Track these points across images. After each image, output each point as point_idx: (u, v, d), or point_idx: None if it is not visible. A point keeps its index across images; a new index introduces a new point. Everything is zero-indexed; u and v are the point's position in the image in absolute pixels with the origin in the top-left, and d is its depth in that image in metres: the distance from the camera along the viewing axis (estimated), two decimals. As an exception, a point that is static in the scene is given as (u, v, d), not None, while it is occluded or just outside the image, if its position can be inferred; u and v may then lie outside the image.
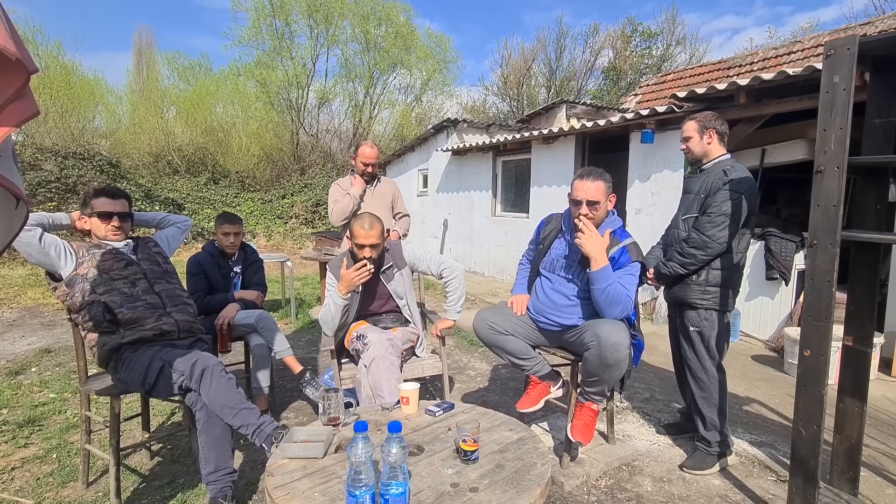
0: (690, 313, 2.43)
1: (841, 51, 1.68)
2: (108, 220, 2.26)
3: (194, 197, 12.80)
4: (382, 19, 17.08)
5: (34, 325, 5.18)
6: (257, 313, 2.93)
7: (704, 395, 2.42)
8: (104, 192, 2.31)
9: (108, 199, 2.27)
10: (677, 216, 2.57)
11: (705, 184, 2.40)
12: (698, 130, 2.45)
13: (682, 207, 2.53)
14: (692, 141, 2.47)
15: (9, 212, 1.36)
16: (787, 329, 3.96)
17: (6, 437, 2.73)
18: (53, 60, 12.89)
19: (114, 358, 2.11)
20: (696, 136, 2.46)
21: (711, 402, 2.40)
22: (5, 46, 1.01)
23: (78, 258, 2.15)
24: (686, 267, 2.38)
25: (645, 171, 5.53)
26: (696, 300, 2.40)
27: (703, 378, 2.42)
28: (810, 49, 6.91)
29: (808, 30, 16.46)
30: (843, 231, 1.73)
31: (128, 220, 2.35)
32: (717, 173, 2.37)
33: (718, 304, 2.37)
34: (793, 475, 1.89)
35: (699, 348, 2.42)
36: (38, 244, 2.03)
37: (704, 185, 2.40)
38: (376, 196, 3.74)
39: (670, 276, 2.45)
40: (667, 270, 2.45)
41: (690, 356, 2.46)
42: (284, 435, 1.72)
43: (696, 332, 2.42)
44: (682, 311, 2.48)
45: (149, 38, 18.64)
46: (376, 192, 3.76)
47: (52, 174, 9.35)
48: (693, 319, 2.43)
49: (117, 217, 2.28)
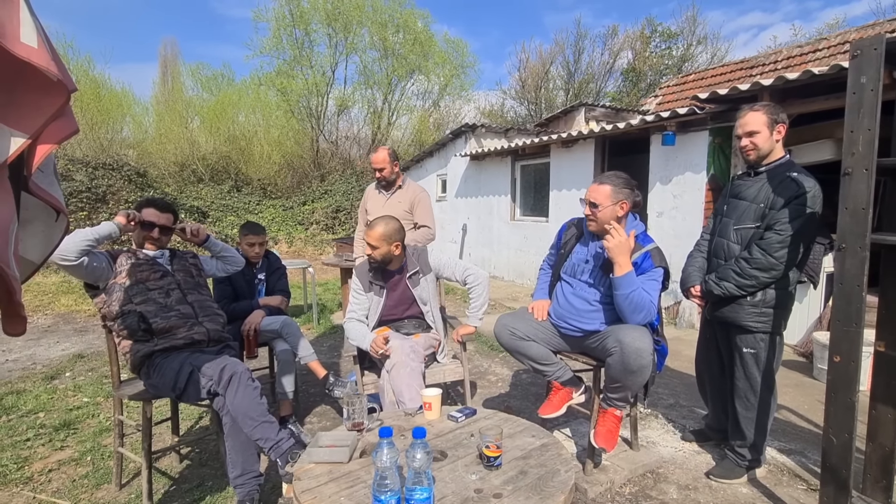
0: (745, 336, 2.23)
1: (868, 51, 1.65)
2: (149, 230, 2.34)
3: (218, 205, 13.08)
4: (400, 26, 17.25)
5: (68, 331, 5.36)
6: (282, 319, 2.98)
7: (749, 415, 2.27)
8: (155, 203, 2.40)
9: (157, 210, 2.37)
10: (725, 224, 2.29)
11: (765, 191, 2.13)
12: (768, 124, 2.11)
13: (733, 215, 2.26)
14: (760, 136, 2.13)
15: (49, 224, 1.42)
16: (816, 333, 3.86)
17: (43, 440, 2.83)
18: (84, 74, 13.34)
19: (146, 364, 2.18)
20: (766, 131, 2.12)
21: (754, 422, 2.27)
22: (48, 68, 1.07)
23: (116, 267, 2.23)
24: (744, 289, 2.15)
25: (666, 174, 5.47)
26: (751, 323, 2.19)
27: (752, 399, 2.26)
28: (836, 46, 6.75)
29: (835, 26, 16.07)
30: (872, 234, 1.69)
31: (168, 234, 2.41)
32: (781, 180, 2.09)
33: (773, 326, 2.18)
34: (824, 484, 1.85)
35: (752, 371, 2.24)
36: (84, 270, 2.10)
37: (765, 194, 2.13)
38: (389, 206, 3.54)
39: (722, 297, 2.24)
40: (720, 291, 2.21)
41: (740, 377, 2.28)
42: (301, 454, 1.75)
43: (750, 354, 2.23)
44: (733, 332, 2.28)
45: (173, 50, 19.15)
46: (390, 202, 3.60)
47: (82, 184, 9.65)
48: (748, 342, 2.23)
49: (159, 229, 2.36)
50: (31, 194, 1.22)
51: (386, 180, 3.61)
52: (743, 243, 2.22)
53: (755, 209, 2.17)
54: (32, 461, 2.61)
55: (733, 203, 2.29)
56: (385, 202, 3.64)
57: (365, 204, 3.78)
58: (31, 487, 2.37)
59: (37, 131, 1.12)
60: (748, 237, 2.19)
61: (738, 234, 2.23)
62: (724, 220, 2.33)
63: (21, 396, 3.46)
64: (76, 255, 2.00)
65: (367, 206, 3.74)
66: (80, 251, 2.01)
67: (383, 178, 3.60)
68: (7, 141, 1.09)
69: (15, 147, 1.09)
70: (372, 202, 3.72)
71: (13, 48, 1.01)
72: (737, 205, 2.26)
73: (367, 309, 2.66)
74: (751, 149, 2.18)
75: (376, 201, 3.70)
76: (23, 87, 1.10)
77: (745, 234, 2.20)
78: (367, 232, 2.53)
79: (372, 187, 3.79)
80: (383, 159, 3.56)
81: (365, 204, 3.78)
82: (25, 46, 1.03)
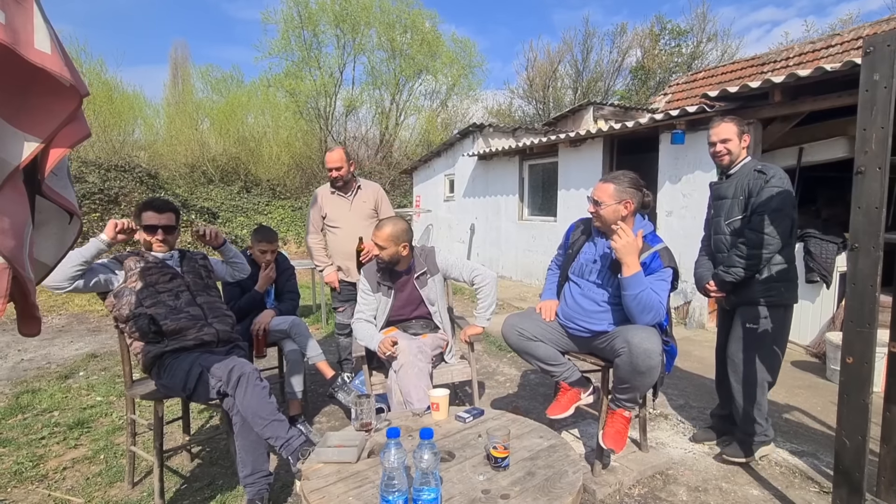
0: (749, 310, 2.41)
1: (881, 47, 1.62)
2: (153, 233, 2.35)
3: (228, 205, 13.21)
4: (408, 27, 17.30)
5: (81, 331, 5.43)
6: (291, 319, 3.00)
7: (739, 387, 2.44)
8: (151, 205, 2.38)
9: (154, 212, 2.35)
10: (717, 223, 2.54)
11: (740, 186, 2.41)
12: (738, 133, 2.43)
13: (721, 213, 2.51)
14: (732, 143, 2.43)
15: (62, 227, 1.44)
16: (829, 334, 3.81)
17: (58, 438, 2.87)
18: (96, 77, 13.53)
19: (156, 364, 2.20)
20: (736, 140, 2.43)
21: (743, 394, 2.44)
22: (62, 74, 1.09)
23: (126, 271, 2.26)
24: (750, 269, 2.35)
25: (676, 173, 5.43)
26: (762, 297, 2.38)
27: (743, 371, 2.43)
28: (850, 42, 6.66)
29: (848, 22, 15.84)
30: (886, 233, 1.66)
31: (173, 233, 2.41)
32: (749, 174, 2.39)
33: (783, 298, 2.38)
34: (836, 486, 1.82)
35: (750, 343, 2.40)
36: (83, 290, 2.12)
37: (740, 188, 2.40)
38: (356, 208, 3.39)
39: (735, 282, 2.40)
40: (731, 277, 2.39)
41: (736, 350, 2.45)
42: (311, 451, 1.76)
43: (750, 328, 2.40)
44: (746, 310, 2.43)
45: (184, 52, 19.38)
46: (355, 204, 3.40)
47: (95, 186, 9.78)
48: (750, 316, 2.40)
49: (162, 230, 2.36)
50: (45, 197, 1.24)
51: (343, 180, 3.34)
52: (735, 234, 2.45)
53: (737, 202, 2.43)
54: (47, 459, 2.65)
55: (718, 203, 2.55)
56: (350, 205, 3.40)
57: (321, 209, 3.43)
58: (45, 485, 2.41)
59: (50, 135, 1.14)
60: (739, 227, 2.43)
61: (731, 227, 2.47)
62: (714, 220, 2.58)
63: (36, 395, 3.52)
64: (69, 283, 2.04)
65: (326, 212, 3.42)
66: (70, 277, 2.03)
67: (340, 177, 3.32)
68: (21, 145, 1.11)
69: (29, 151, 1.11)
70: (332, 206, 3.41)
71: (28, 54, 1.03)
72: (722, 204, 2.52)
73: (375, 309, 2.67)
74: (724, 154, 2.47)
75: (338, 205, 3.41)
76: (36, 92, 1.12)
77: (736, 225, 2.45)
78: (376, 233, 2.54)
79: (325, 190, 3.45)
80: (340, 158, 3.31)
81: (321, 209, 3.43)
82: (39, 52, 1.05)
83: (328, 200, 3.44)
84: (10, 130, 1.09)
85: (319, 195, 3.46)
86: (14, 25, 1.02)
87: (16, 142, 1.10)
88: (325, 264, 3.46)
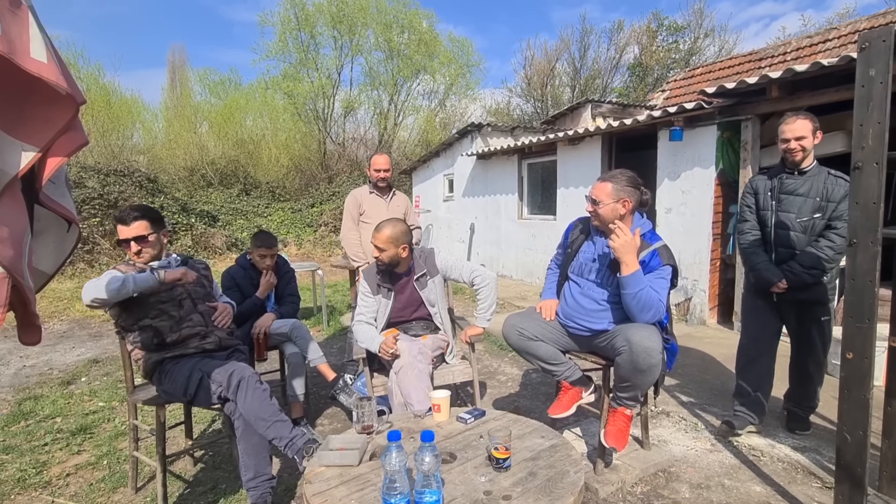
0: (821, 307, 2.60)
1: (876, 43, 1.62)
2: (126, 247, 2.26)
3: (227, 208, 13.21)
4: (405, 27, 17.28)
5: (83, 337, 5.44)
6: (291, 322, 3.00)
7: (820, 374, 2.69)
8: (119, 219, 2.26)
9: (122, 225, 2.24)
10: (786, 217, 2.57)
11: (816, 187, 2.49)
12: (812, 130, 2.47)
13: (792, 209, 2.55)
14: (807, 140, 2.47)
15: (61, 235, 1.45)
16: (830, 328, 3.81)
17: (61, 444, 2.88)
18: (94, 82, 13.55)
19: (157, 370, 2.21)
20: (811, 137, 2.47)
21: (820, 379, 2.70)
22: (58, 83, 1.09)
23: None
24: (829, 271, 2.52)
25: (674, 170, 5.42)
26: (824, 297, 2.58)
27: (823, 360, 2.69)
28: (847, 36, 6.65)
29: (845, 16, 15.81)
30: (884, 228, 1.66)
31: (146, 242, 2.26)
32: (826, 177, 2.48)
33: (833, 297, 2.68)
34: (838, 482, 1.82)
35: (826, 335, 2.63)
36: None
37: (816, 188, 2.49)
38: (392, 208, 3.74)
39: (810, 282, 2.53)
40: (812, 278, 2.50)
41: (817, 343, 2.63)
42: (315, 449, 1.77)
43: (826, 321, 2.61)
44: (807, 308, 2.61)
45: (181, 55, 19.37)
46: (391, 206, 3.77)
47: (94, 191, 9.78)
48: (825, 311, 2.60)
49: (134, 242, 2.24)
50: (43, 206, 1.24)
51: (387, 182, 3.75)
52: (807, 232, 2.53)
53: (812, 203, 2.50)
54: (50, 465, 2.65)
55: (788, 199, 2.57)
56: (388, 205, 3.74)
57: (360, 207, 3.74)
58: (49, 491, 2.42)
59: (47, 144, 1.14)
60: (811, 226, 2.52)
61: (802, 225, 2.54)
62: (781, 214, 2.60)
63: (39, 401, 3.53)
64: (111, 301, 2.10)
65: (364, 208, 3.73)
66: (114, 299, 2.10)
67: (385, 179, 3.73)
68: (18, 154, 1.11)
69: (26, 160, 1.12)
70: (370, 204, 3.73)
71: (24, 64, 1.03)
72: (793, 200, 2.56)
73: (376, 311, 2.67)
74: (799, 151, 2.49)
75: (376, 204, 3.73)
76: (33, 102, 1.12)
77: (808, 224, 2.52)
78: (375, 234, 2.54)
79: (364, 191, 3.79)
80: (387, 161, 3.74)
81: (360, 207, 3.74)
82: (35, 62, 1.05)
83: (367, 199, 3.76)
84: (7, 140, 1.09)
85: (357, 194, 3.79)
86: (10, 35, 1.02)
87: (13, 151, 1.10)
88: (361, 261, 3.67)
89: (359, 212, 3.76)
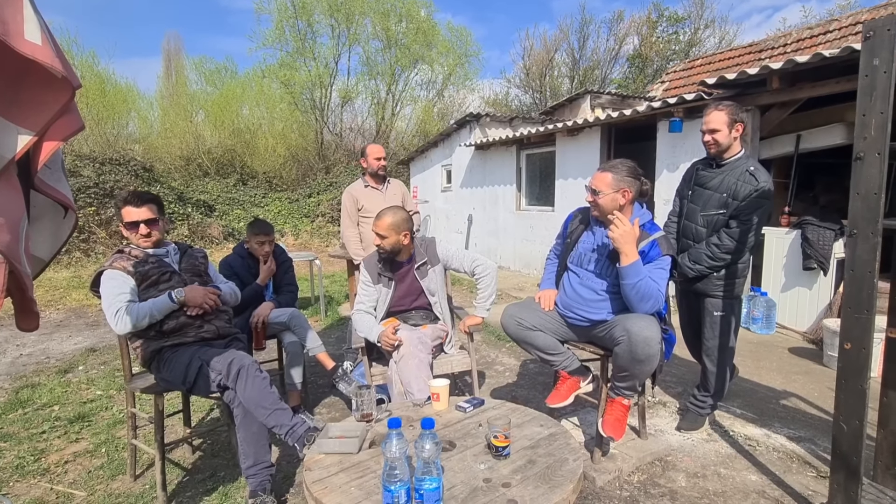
0: (715, 301, 2.57)
1: (881, 32, 1.61)
2: (135, 230, 2.25)
3: (224, 198, 13.14)
4: (403, 16, 17.11)
5: (79, 326, 5.43)
6: (290, 311, 3.00)
7: (715, 369, 2.62)
8: (128, 200, 2.26)
9: (133, 207, 2.24)
10: (692, 210, 2.60)
11: (727, 183, 2.44)
12: (728, 123, 2.42)
13: (698, 202, 2.56)
14: (721, 134, 2.43)
15: (57, 221, 1.43)
16: (826, 320, 3.83)
17: (59, 432, 2.88)
18: (88, 70, 13.37)
19: (155, 358, 2.20)
20: (726, 130, 2.42)
21: (717, 375, 2.62)
22: (53, 65, 1.07)
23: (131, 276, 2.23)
24: (713, 269, 2.52)
25: (673, 161, 5.41)
26: (717, 291, 2.55)
27: (718, 355, 2.61)
28: (848, 27, 6.62)
29: (846, 7, 15.74)
30: (884, 219, 1.66)
31: (156, 225, 2.29)
32: (741, 174, 2.41)
33: (734, 292, 2.56)
34: (834, 471, 1.84)
35: (720, 330, 2.58)
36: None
37: (727, 185, 2.44)
38: (389, 198, 3.74)
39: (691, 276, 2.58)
40: (693, 273, 2.55)
41: (710, 336, 2.61)
42: (316, 437, 1.77)
43: (720, 316, 2.57)
44: (703, 300, 2.62)
45: (177, 43, 19.11)
46: (388, 194, 3.78)
47: (90, 180, 9.71)
48: (718, 306, 2.57)
49: (144, 224, 2.25)
50: (38, 191, 1.23)
51: (385, 170, 3.79)
52: (709, 227, 2.53)
53: (718, 198, 2.47)
54: (49, 453, 2.66)
55: (698, 191, 2.59)
56: (384, 197, 3.74)
57: (357, 202, 3.74)
58: (48, 479, 2.42)
59: (43, 128, 1.12)
60: (713, 222, 2.51)
61: (705, 219, 2.54)
62: (690, 205, 2.63)
63: (36, 390, 3.52)
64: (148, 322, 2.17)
65: (362, 204, 3.73)
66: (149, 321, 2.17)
67: (382, 168, 3.77)
68: (14, 138, 1.10)
69: (22, 144, 1.10)
70: (368, 199, 3.73)
71: (18, 46, 1.01)
72: (701, 193, 2.56)
73: (376, 300, 2.67)
74: (712, 144, 2.47)
75: (373, 198, 3.72)
76: (28, 85, 1.10)
77: (711, 220, 2.52)
78: (376, 222, 2.52)
79: (357, 187, 3.79)
80: (383, 149, 3.79)
81: (357, 202, 3.74)
82: (30, 44, 1.03)
83: (363, 194, 3.77)
84: (2, 123, 1.07)
85: (353, 191, 3.78)
86: (3, 16, 1.00)
87: (8, 134, 1.08)
88: (360, 257, 3.66)
89: (356, 208, 3.75)
